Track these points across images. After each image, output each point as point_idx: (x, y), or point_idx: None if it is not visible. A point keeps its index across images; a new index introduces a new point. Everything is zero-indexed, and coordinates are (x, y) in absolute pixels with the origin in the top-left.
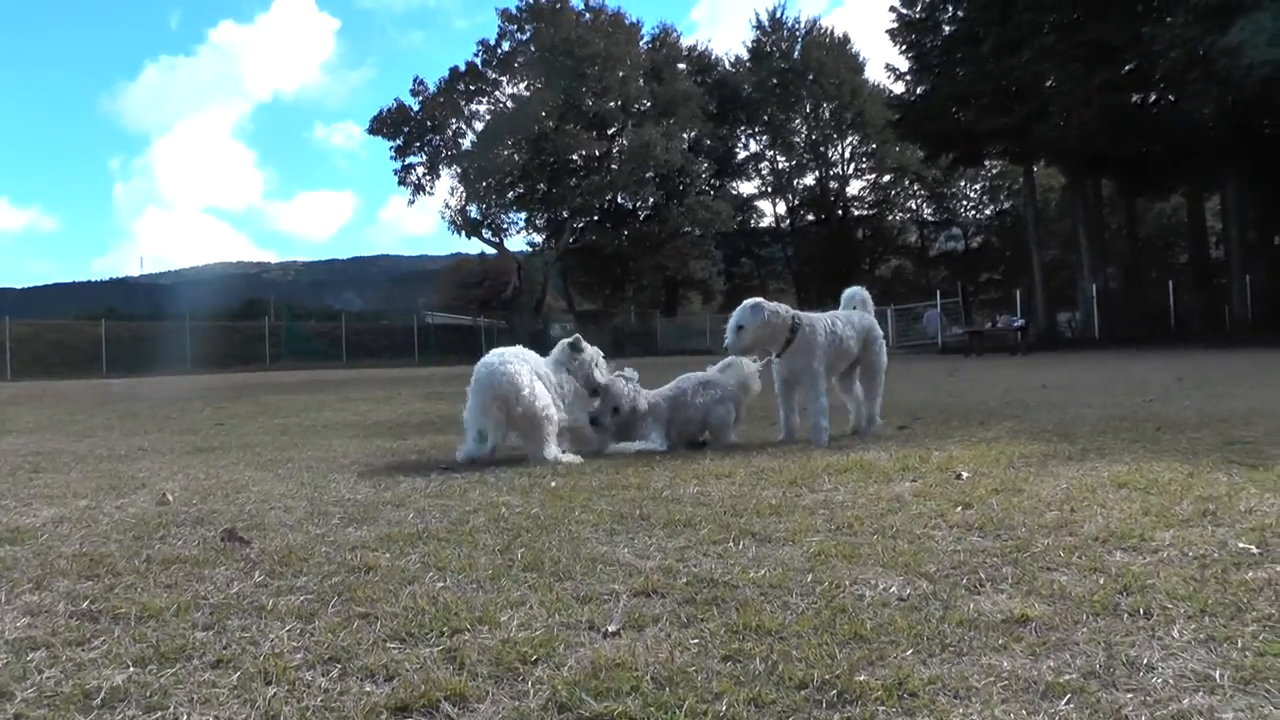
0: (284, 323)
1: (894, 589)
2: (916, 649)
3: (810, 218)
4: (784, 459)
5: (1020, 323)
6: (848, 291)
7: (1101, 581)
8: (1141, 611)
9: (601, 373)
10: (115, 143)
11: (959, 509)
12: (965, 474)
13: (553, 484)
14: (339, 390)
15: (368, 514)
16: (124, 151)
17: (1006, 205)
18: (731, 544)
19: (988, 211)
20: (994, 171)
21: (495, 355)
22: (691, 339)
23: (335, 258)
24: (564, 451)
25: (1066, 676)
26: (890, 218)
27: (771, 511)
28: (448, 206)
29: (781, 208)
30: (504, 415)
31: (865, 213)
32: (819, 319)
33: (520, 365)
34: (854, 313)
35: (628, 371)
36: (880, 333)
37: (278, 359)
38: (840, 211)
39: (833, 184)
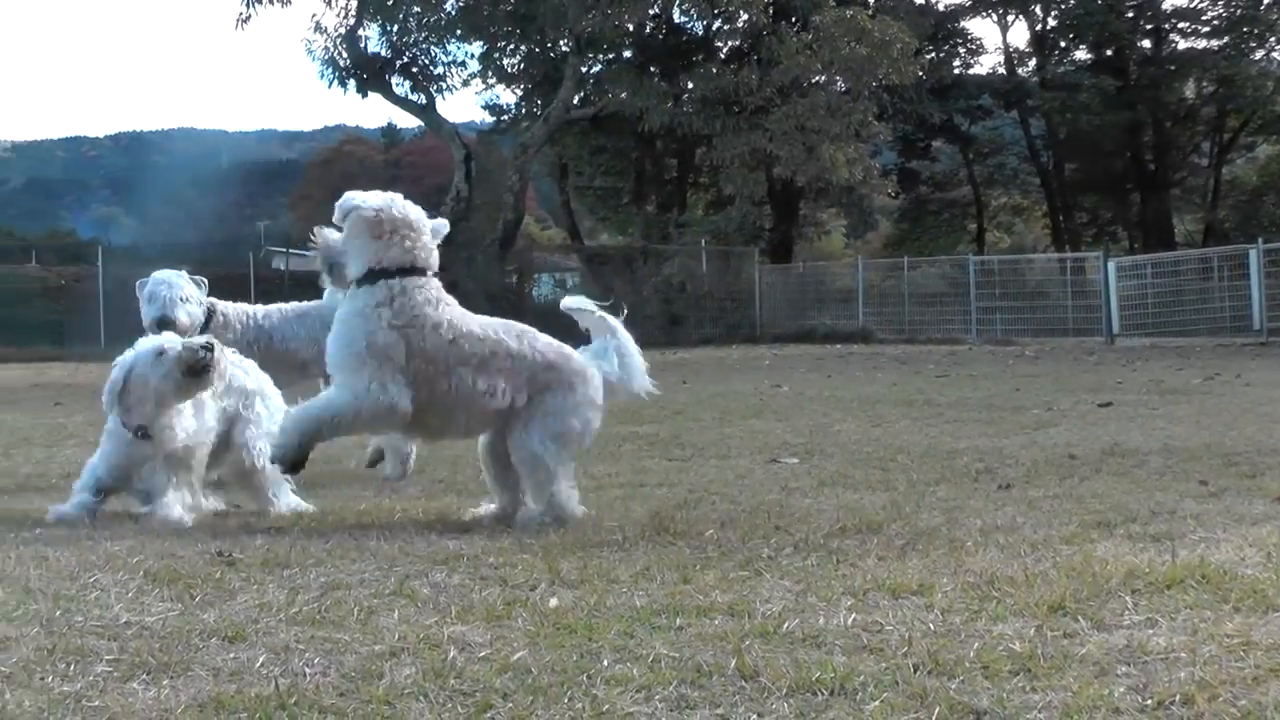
0: None
1: None
2: None
3: (1081, 55)
4: (1039, 556)
5: None
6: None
7: None
8: None
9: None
10: None
11: None
12: None
13: (553, 602)
14: (93, 401)
15: (169, 654)
16: None
17: None
18: None
19: None
20: None
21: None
22: (831, 309)
23: (80, 134)
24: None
25: None
26: (1258, 57)
27: (1016, 667)
28: (320, 29)
29: (1021, 33)
30: None
31: (1201, 44)
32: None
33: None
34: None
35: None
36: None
37: None
38: (1149, 42)
39: None
